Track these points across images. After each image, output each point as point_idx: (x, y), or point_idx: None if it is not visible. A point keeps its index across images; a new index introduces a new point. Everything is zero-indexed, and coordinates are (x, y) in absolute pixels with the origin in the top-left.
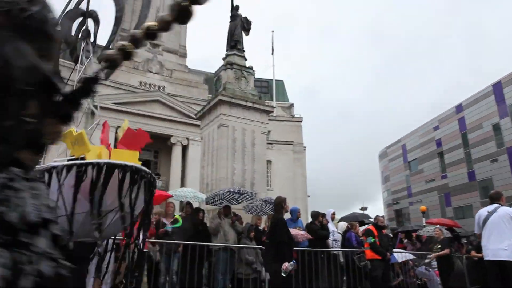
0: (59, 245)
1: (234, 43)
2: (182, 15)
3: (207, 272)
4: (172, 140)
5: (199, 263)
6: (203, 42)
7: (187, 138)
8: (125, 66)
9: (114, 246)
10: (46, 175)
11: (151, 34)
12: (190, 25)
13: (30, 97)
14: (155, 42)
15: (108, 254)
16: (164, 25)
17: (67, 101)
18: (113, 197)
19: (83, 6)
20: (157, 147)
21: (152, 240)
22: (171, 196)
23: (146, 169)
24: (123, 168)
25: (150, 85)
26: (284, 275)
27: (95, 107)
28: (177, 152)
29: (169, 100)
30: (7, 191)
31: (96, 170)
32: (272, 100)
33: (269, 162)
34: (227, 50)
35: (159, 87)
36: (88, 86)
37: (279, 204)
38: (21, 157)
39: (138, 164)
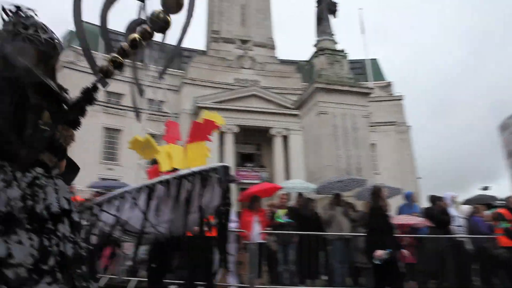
0: (79, 230)
1: (323, 28)
2: (161, 26)
3: (325, 261)
4: (272, 131)
5: (315, 252)
6: (290, 31)
7: (287, 129)
8: (220, 66)
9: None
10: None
11: (135, 46)
12: (276, 16)
13: (43, 109)
14: (245, 38)
15: (232, 245)
16: (147, 36)
17: (74, 109)
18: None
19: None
20: (259, 140)
21: (268, 231)
22: (281, 188)
23: (215, 166)
24: (191, 175)
25: (245, 80)
26: (379, 263)
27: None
28: (278, 143)
29: (265, 93)
30: (34, 187)
31: (165, 185)
32: (367, 81)
33: (373, 145)
34: (316, 36)
35: (253, 81)
36: (89, 95)
37: (375, 193)
38: (43, 159)
39: (204, 166)
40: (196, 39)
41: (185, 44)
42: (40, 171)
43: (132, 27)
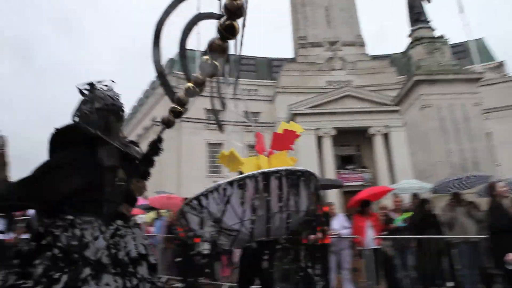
0: (155, 270)
1: (417, 16)
2: (210, 72)
3: (449, 266)
4: (371, 131)
5: (436, 257)
6: (379, 25)
7: (387, 126)
8: (311, 71)
9: (348, 244)
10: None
11: (190, 94)
12: (362, 12)
13: (117, 168)
14: (332, 40)
15: (345, 251)
16: (200, 83)
17: (143, 162)
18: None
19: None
20: (357, 141)
21: (383, 236)
22: (392, 190)
23: (300, 168)
24: (278, 172)
25: (337, 82)
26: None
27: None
28: (378, 142)
29: (359, 92)
30: (116, 237)
31: (254, 181)
32: (474, 64)
33: (488, 134)
34: (410, 26)
35: (346, 82)
36: (155, 147)
37: (490, 190)
38: (122, 210)
39: (290, 167)
40: (284, 48)
41: (274, 53)
42: (120, 223)
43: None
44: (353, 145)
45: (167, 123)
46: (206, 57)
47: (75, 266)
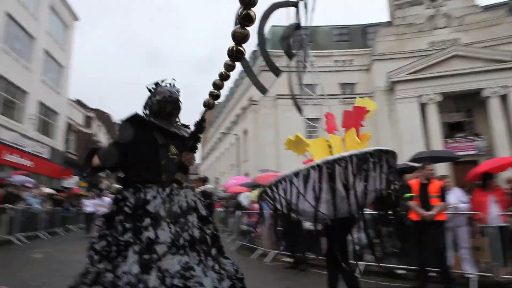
0: (206, 221)
1: None
2: (237, 57)
3: None
4: (485, 93)
5: None
6: None
7: (505, 86)
8: (409, 33)
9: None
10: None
11: (223, 78)
12: None
13: (169, 145)
14: None
15: (463, 228)
16: (230, 68)
17: (191, 139)
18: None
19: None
20: (468, 105)
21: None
22: None
23: (369, 149)
24: (342, 159)
25: (441, 42)
26: None
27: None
28: (494, 105)
29: (468, 50)
30: (171, 196)
31: (317, 170)
32: None
33: None
34: None
35: (452, 40)
36: (200, 126)
37: None
38: (177, 178)
39: (357, 150)
40: (377, 12)
41: (367, 20)
42: (175, 186)
43: (288, 32)
44: (462, 110)
45: (208, 105)
46: (231, 45)
47: (139, 217)
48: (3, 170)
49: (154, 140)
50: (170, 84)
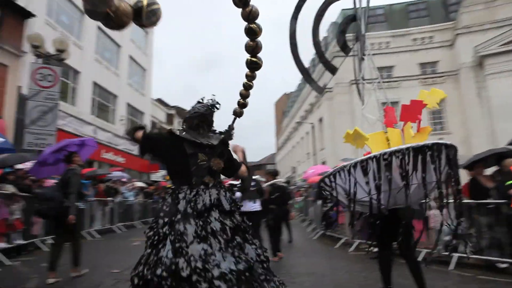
0: (230, 215)
1: None
2: (254, 67)
3: None
4: None
5: None
6: None
7: None
8: (500, 0)
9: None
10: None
11: (246, 88)
12: None
13: (197, 153)
14: None
15: None
16: (250, 78)
17: (220, 146)
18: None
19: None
20: None
21: None
22: None
23: (427, 143)
24: (399, 151)
25: None
26: None
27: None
28: None
29: None
30: (197, 196)
31: (375, 161)
32: None
33: None
34: None
35: None
36: (228, 133)
37: None
38: (205, 180)
39: (415, 144)
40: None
41: None
42: (202, 187)
43: (344, 26)
44: None
45: (237, 114)
46: (248, 58)
47: (174, 214)
48: (102, 167)
49: (184, 151)
50: (207, 100)
